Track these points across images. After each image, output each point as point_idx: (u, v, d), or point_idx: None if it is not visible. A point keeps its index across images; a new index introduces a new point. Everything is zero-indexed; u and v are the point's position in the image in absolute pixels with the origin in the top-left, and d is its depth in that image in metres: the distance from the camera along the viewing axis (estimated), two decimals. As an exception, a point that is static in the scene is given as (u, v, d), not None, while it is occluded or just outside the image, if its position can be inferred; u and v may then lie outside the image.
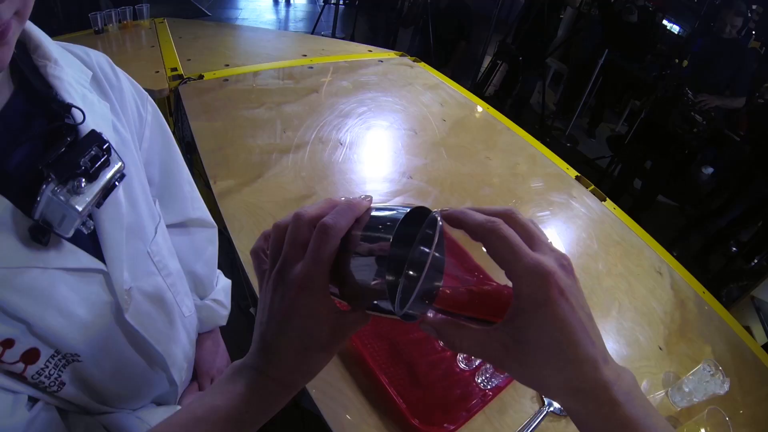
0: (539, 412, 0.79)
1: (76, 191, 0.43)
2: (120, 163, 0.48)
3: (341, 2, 4.99)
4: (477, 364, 0.79)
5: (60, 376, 0.51)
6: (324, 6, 4.54)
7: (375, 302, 0.35)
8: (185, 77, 1.37)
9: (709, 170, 3.95)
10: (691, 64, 3.22)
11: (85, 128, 0.47)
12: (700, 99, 3.00)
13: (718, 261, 3.20)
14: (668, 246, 1.33)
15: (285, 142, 1.21)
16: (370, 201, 0.37)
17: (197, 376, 0.84)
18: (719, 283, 2.77)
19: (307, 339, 0.36)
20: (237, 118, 1.25)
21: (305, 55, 1.72)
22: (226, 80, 1.42)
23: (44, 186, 0.41)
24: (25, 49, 0.48)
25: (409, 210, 0.35)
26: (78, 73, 0.52)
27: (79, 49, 0.57)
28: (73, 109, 0.47)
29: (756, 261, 3.19)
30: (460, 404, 0.76)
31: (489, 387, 0.78)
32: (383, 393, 0.74)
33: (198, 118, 1.21)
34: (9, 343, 0.44)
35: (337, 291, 0.37)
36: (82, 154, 0.44)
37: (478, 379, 0.79)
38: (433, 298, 0.38)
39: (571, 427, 0.79)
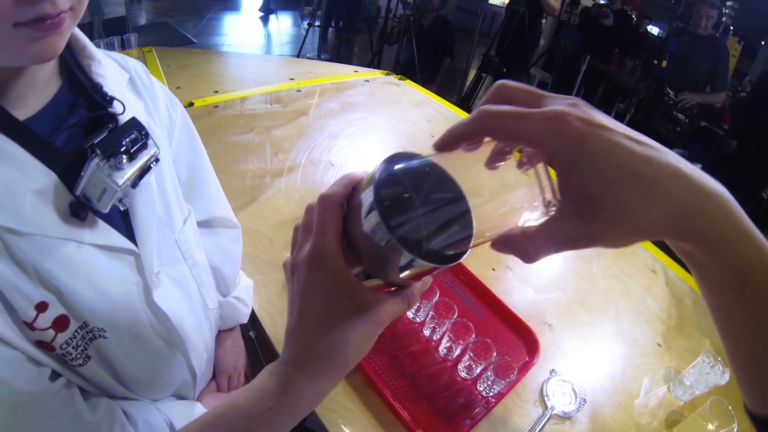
0: (543, 415, 0.80)
1: (118, 167, 0.47)
2: (156, 148, 0.52)
3: (331, 25, 5.08)
4: (478, 372, 0.80)
5: (86, 349, 0.53)
6: (308, 29, 4.61)
7: (402, 264, 0.32)
8: (175, 106, 1.39)
9: (697, 166, 3.99)
10: (669, 63, 3.28)
11: (125, 118, 0.51)
12: (681, 98, 3.05)
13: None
14: (661, 244, 1.35)
15: (277, 165, 1.23)
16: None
17: (215, 374, 0.86)
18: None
19: (329, 317, 0.33)
20: (228, 144, 1.27)
21: (292, 79, 1.75)
22: (216, 106, 1.44)
23: (89, 161, 0.46)
24: (72, 49, 0.53)
25: (393, 154, 0.33)
26: (117, 75, 0.58)
27: (117, 55, 0.62)
28: (115, 101, 0.52)
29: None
30: (464, 413, 0.77)
31: (491, 394, 0.79)
32: (387, 406, 0.75)
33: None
34: (43, 306, 0.47)
35: (364, 270, 0.35)
36: (124, 135, 0.48)
37: (479, 387, 0.80)
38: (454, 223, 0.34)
39: (575, 429, 0.80)
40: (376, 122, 1.58)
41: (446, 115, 1.78)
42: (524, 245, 0.30)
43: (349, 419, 0.73)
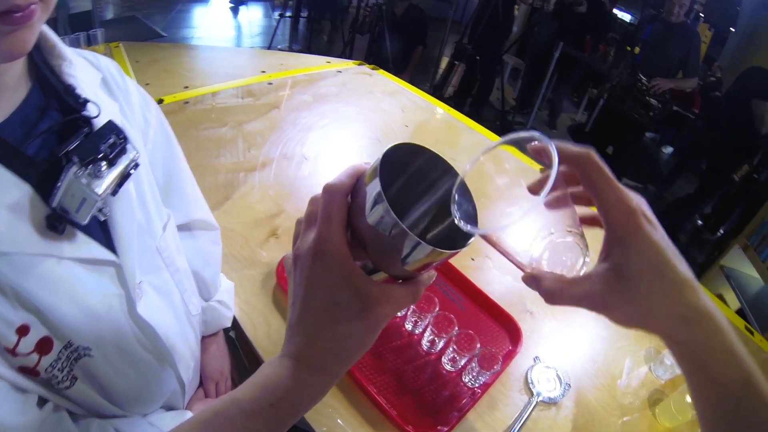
0: (529, 403, 0.80)
1: (97, 175, 0.44)
2: (135, 152, 0.49)
3: (301, 15, 4.99)
4: (463, 363, 0.80)
5: (72, 369, 0.51)
6: (279, 19, 4.52)
7: (407, 252, 0.32)
8: (143, 103, 1.34)
9: (669, 149, 4.08)
10: (642, 50, 3.33)
11: (100, 121, 0.48)
12: (653, 83, 3.11)
13: (686, 235, 3.31)
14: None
15: (250, 160, 1.20)
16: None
17: (202, 380, 0.85)
18: (687, 256, 2.86)
19: (334, 308, 0.33)
20: (200, 140, 1.23)
21: (264, 71, 1.71)
22: (187, 102, 1.39)
23: (66, 169, 0.42)
24: (41, 48, 0.49)
25: (395, 144, 0.34)
26: (89, 75, 0.54)
27: (89, 53, 0.59)
28: (89, 103, 0.49)
29: (721, 232, 3.31)
30: (451, 405, 0.76)
31: (477, 385, 0.78)
32: (373, 404, 0.74)
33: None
34: (24, 329, 0.44)
35: (369, 263, 0.34)
36: (102, 140, 0.45)
37: (465, 378, 0.79)
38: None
39: (561, 414, 0.81)
40: (349, 113, 1.56)
41: (419, 104, 1.77)
42: (552, 288, 0.35)
43: (337, 420, 0.72)
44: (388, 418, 0.72)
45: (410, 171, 0.36)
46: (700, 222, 3.37)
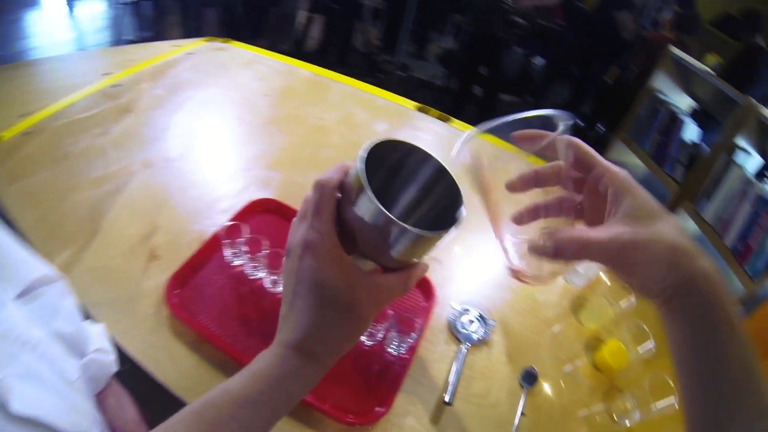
0: (459, 351, 0.80)
1: None
2: None
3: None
4: (381, 335, 0.77)
5: None
6: (123, 8, 4.05)
7: (392, 240, 0.34)
8: (-29, 147, 1.11)
9: (541, 61, 4.27)
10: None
11: None
12: (517, 3, 3.21)
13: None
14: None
15: (110, 180, 1.05)
16: None
17: None
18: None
19: (323, 296, 0.34)
20: (51, 175, 1.05)
21: (109, 74, 1.50)
22: (27, 133, 1.17)
23: None
24: None
25: (379, 140, 0.36)
26: None
27: None
28: None
29: (603, 129, 3.59)
30: (384, 380, 0.74)
31: (403, 351, 0.77)
32: (303, 404, 0.69)
33: (7, 191, 0.99)
34: None
35: (360, 254, 0.36)
36: None
37: (389, 348, 0.77)
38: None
39: (494, 350, 0.83)
40: (208, 97, 1.43)
41: (278, 68, 1.69)
42: (572, 236, 0.36)
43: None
44: (324, 414, 0.68)
45: (391, 164, 0.38)
46: (581, 123, 3.63)
